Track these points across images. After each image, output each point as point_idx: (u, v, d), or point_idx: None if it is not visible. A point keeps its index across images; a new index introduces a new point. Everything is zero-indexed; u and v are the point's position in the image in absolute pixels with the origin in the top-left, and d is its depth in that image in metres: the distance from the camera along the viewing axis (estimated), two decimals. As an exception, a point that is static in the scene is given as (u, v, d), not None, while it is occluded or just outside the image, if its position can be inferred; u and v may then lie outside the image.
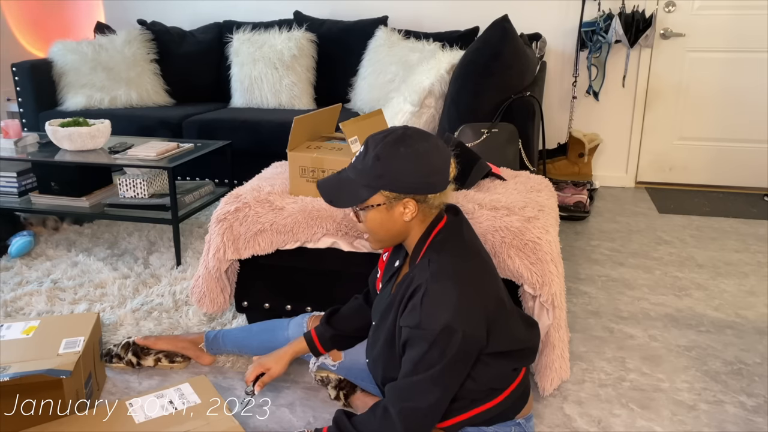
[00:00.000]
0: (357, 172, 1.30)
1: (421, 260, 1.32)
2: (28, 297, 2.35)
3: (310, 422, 1.66)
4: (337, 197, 1.33)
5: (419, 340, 1.24)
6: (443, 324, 1.22)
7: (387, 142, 1.27)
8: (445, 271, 1.27)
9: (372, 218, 1.32)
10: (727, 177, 3.87)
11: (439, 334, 1.22)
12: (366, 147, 1.30)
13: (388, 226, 1.32)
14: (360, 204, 1.31)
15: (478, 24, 3.65)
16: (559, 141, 3.91)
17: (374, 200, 1.29)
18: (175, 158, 2.64)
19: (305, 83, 3.79)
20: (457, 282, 1.26)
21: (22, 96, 3.72)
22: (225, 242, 1.85)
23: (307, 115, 1.97)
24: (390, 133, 1.29)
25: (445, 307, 1.23)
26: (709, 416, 1.69)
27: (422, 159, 1.27)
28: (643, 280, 2.57)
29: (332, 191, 1.33)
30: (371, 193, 1.29)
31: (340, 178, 1.34)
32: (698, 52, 3.70)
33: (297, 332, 1.71)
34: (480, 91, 2.51)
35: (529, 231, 1.66)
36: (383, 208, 1.30)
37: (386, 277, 1.48)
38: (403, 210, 1.30)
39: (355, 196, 1.30)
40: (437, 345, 1.23)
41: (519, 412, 1.44)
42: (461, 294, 1.25)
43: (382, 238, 1.35)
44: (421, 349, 1.24)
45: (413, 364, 1.25)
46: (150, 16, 4.31)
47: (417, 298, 1.26)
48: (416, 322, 1.24)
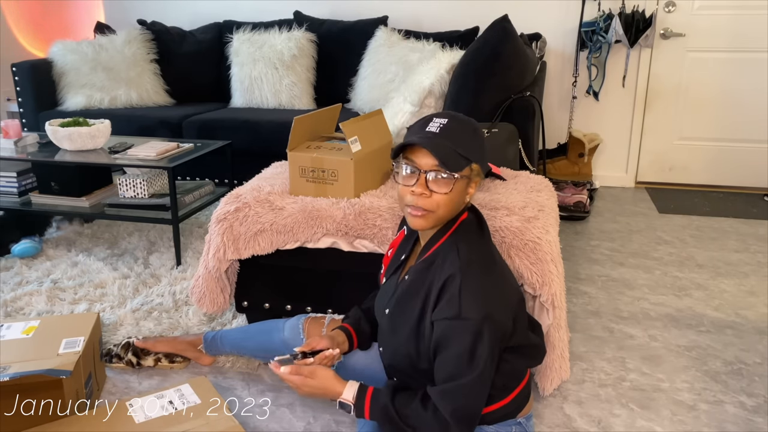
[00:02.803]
0: (455, 140, 1.24)
1: (443, 246, 1.30)
2: (28, 297, 2.35)
3: (310, 422, 1.66)
4: (446, 159, 1.23)
5: (461, 331, 1.21)
6: (484, 312, 1.20)
7: (467, 119, 1.29)
8: (478, 260, 1.27)
9: (455, 190, 1.26)
10: (727, 177, 3.87)
11: (481, 323, 1.20)
12: (455, 119, 1.27)
13: (456, 203, 1.28)
14: (460, 172, 1.25)
15: (478, 24, 3.65)
16: (559, 141, 3.91)
17: (465, 172, 1.27)
18: (175, 158, 2.64)
19: (305, 83, 3.79)
20: (490, 271, 1.27)
21: (22, 96, 3.72)
22: (225, 242, 1.85)
23: (307, 115, 1.97)
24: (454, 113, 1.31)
25: (484, 296, 1.22)
26: (709, 416, 1.69)
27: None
28: (643, 280, 2.57)
29: (441, 152, 1.23)
30: (467, 163, 1.26)
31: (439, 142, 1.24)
32: (698, 52, 3.70)
33: (292, 334, 1.69)
34: (480, 91, 2.51)
35: (529, 231, 1.66)
36: (464, 182, 1.28)
37: (391, 269, 1.47)
38: (470, 190, 1.30)
39: (458, 163, 1.24)
40: (480, 336, 1.20)
41: (521, 411, 1.44)
42: (495, 282, 1.26)
43: (443, 215, 1.29)
44: (465, 342, 1.20)
45: (459, 362, 1.21)
46: (150, 16, 4.31)
47: (453, 289, 1.23)
48: (456, 312, 1.21)
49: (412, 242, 1.46)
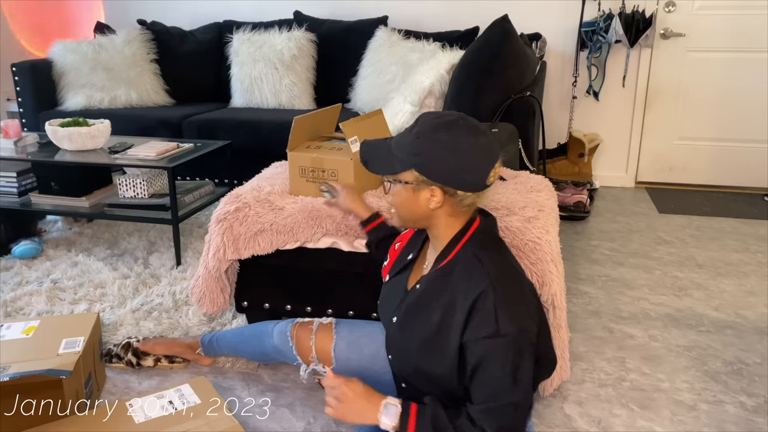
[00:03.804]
0: (398, 144, 1.27)
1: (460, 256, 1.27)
2: (28, 297, 2.35)
3: (310, 422, 1.66)
4: (372, 160, 1.30)
5: (501, 349, 1.17)
6: (519, 327, 1.18)
7: (433, 124, 1.23)
8: (505, 272, 1.24)
9: (398, 194, 1.28)
10: (727, 177, 3.87)
11: (519, 337, 1.17)
12: (416, 121, 1.27)
13: (412, 208, 1.28)
14: (391, 175, 1.27)
15: (478, 24, 3.65)
16: (559, 141, 3.91)
17: (404, 176, 1.25)
18: (175, 158, 2.64)
19: (305, 83, 3.79)
20: (517, 282, 1.25)
21: (22, 96, 3.72)
22: (225, 242, 1.85)
23: (307, 115, 1.97)
24: (443, 116, 1.24)
25: (518, 309, 1.20)
26: (709, 416, 1.69)
27: (459, 153, 1.20)
28: (643, 280, 2.57)
29: (370, 153, 1.30)
30: (403, 168, 1.24)
31: (383, 144, 1.30)
32: (698, 52, 3.70)
33: (281, 341, 1.65)
34: (480, 91, 2.51)
35: (529, 231, 1.66)
36: (410, 188, 1.26)
37: (396, 268, 1.44)
38: (430, 197, 1.25)
39: (388, 165, 1.27)
40: (521, 351, 1.18)
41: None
42: (524, 293, 1.24)
43: (404, 217, 1.31)
44: (507, 360, 1.17)
45: (502, 380, 1.17)
46: (150, 16, 4.31)
47: (487, 306, 1.18)
48: (493, 330, 1.17)
49: (420, 242, 1.43)
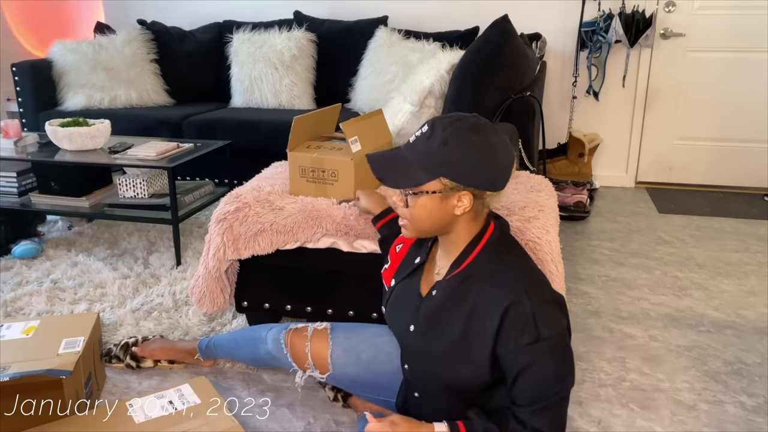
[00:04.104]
0: (417, 153, 1.20)
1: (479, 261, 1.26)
2: (28, 297, 2.35)
3: (310, 422, 1.66)
4: (390, 175, 1.22)
5: (545, 353, 1.17)
6: (558, 328, 1.18)
7: (458, 128, 1.19)
8: (532, 277, 1.23)
9: (422, 205, 1.22)
10: (727, 177, 3.87)
11: (560, 337, 1.18)
12: (431, 128, 1.20)
13: (437, 217, 1.23)
14: (415, 188, 1.21)
15: (478, 24, 3.65)
16: (559, 141, 3.91)
17: (430, 186, 1.20)
18: (175, 158, 2.64)
19: (305, 83, 3.79)
20: (544, 283, 1.25)
21: (22, 96, 3.72)
22: (225, 242, 1.85)
23: (307, 115, 1.97)
24: (461, 119, 1.21)
25: (553, 312, 1.20)
26: (709, 416, 1.69)
27: (491, 152, 1.20)
28: (643, 280, 2.57)
29: (385, 167, 1.23)
30: (430, 178, 1.19)
31: (396, 155, 1.24)
32: (698, 52, 3.70)
33: (275, 348, 1.62)
34: (480, 91, 2.51)
35: (529, 231, 1.66)
36: (437, 197, 1.21)
37: (403, 272, 1.42)
38: (457, 203, 1.22)
39: (411, 177, 1.20)
40: (564, 350, 1.19)
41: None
42: (552, 292, 1.24)
43: (424, 228, 1.26)
44: (552, 362, 1.17)
45: (549, 381, 1.18)
46: (150, 16, 4.31)
47: (524, 315, 1.17)
48: (535, 337, 1.16)
49: (428, 246, 1.40)
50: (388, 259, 1.52)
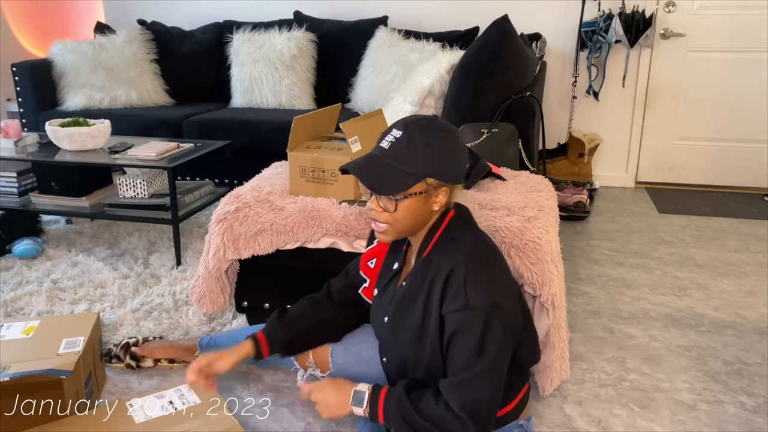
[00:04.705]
0: (402, 158, 1.23)
1: (437, 245, 1.30)
2: (28, 297, 2.35)
3: (310, 422, 1.66)
4: (380, 184, 1.25)
5: (470, 321, 1.20)
6: (491, 301, 1.20)
7: (434, 129, 1.24)
8: (478, 250, 1.27)
9: (408, 207, 1.26)
10: (727, 177, 3.87)
11: (490, 310, 1.19)
12: (407, 133, 1.23)
13: (418, 216, 1.28)
14: (404, 191, 1.24)
15: (478, 24, 3.65)
16: (559, 141, 3.91)
17: (417, 188, 1.24)
18: (175, 158, 2.64)
19: (305, 83, 3.79)
20: (491, 259, 1.27)
21: (22, 96, 3.72)
22: (225, 242, 1.85)
23: (307, 115, 1.97)
24: (430, 121, 1.25)
25: (489, 284, 1.22)
26: (709, 416, 1.69)
27: (461, 150, 1.29)
28: (643, 280, 2.57)
29: (374, 178, 1.25)
30: (416, 180, 1.23)
31: (378, 164, 1.25)
32: (698, 52, 3.70)
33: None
34: (480, 91, 2.51)
35: (529, 231, 1.66)
36: (422, 197, 1.26)
37: (384, 280, 1.45)
38: (435, 199, 1.28)
39: (400, 183, 1.24)
40: (490, 325, 1.19)
41: (522, 413, 1.44)
42: (499, 270, 1.26)
43: (404, 229, 1.29)
44: (475, 332, 1.19)
45: (468, 353, 1.20)
46: (150, 16, 4.31)
47: (458, 280, 1.22)
48: (463, 303, 1.20)
49: (404, 250, 1.43)
50: (365, 277, 1.52)
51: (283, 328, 1.51)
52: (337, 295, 1.59)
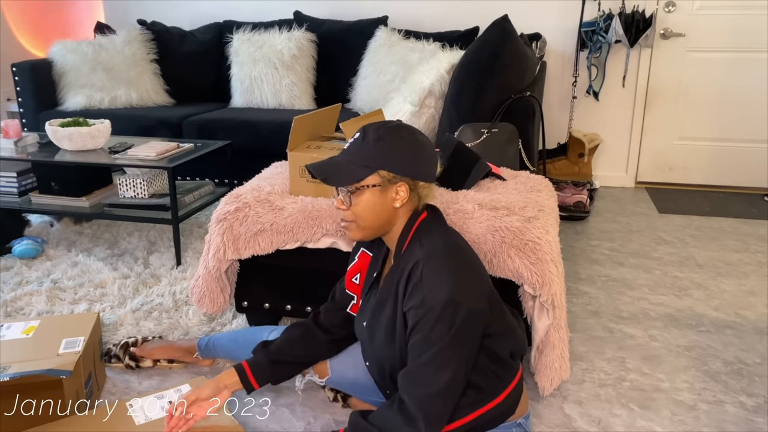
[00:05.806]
0: (354, 154, 1.31)
1: (408, 247, 1.33)
2: (28, 297, 2.35)
3: (310, 422, 1.66)
4: (331, 175, 1.31)
5: (425, 318, 1.23)
6: (446, 298, 1.21)
7: (388, 127, 1.30)
8: (440, 249, 1.29)
9: (364, 201, 1.31)
10: (727, 177, 3.87)
11: (444, 307, 1.21)
12: (363, 133, 1.31)
13: (378, 211, 1.32)
14: (356, 183, 1.30)
15: (478, 24, 3.65)
16: (559, 141, 3.91)
17: (370, 180, 1.30)
18: (175, 158, 2.64)
19: (305, 83, 3.79)
20: (453, 257, 1.28)
21: (22, 96, 3.72)
22: (225, 242, 1.85)
23: (307, 115, 1.97)
24: (389, 122, 1.33)
25: (446, 281, 1.23)
26: (709, 416, 1.69)
27: (420, 146, 1.32)
28: (643, 280, 2.57)
29: (326, 170, 1.32)
30: (368, 172, 1.29)
31: (335, 161, 1.33)
32: (698, 52, 3.70)
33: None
34: (480, 91, 2.51)
35: (529, 231, 1.66)
36: (377, 190, 1.30)
37: (366, 288, 1.48)
38: (395, 195, 1.31)
39: (351, 174, 1.30)
40: (443, 319, 1.22)
41: (516, 411, 1.44)
42: (459, 268, 1.27)
43: (368, 225, 1.33)
44: (428, 327, 1.22)
45: (420, 345, 1.23)
46: (150, 16, 4.31)
47: (416, 277, 1.26)
48: (420, 300, 1.23)
49: (382, 258, 1.46)
50: (352, 294, 1.55)
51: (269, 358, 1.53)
52: (325, 318, 1.61)
